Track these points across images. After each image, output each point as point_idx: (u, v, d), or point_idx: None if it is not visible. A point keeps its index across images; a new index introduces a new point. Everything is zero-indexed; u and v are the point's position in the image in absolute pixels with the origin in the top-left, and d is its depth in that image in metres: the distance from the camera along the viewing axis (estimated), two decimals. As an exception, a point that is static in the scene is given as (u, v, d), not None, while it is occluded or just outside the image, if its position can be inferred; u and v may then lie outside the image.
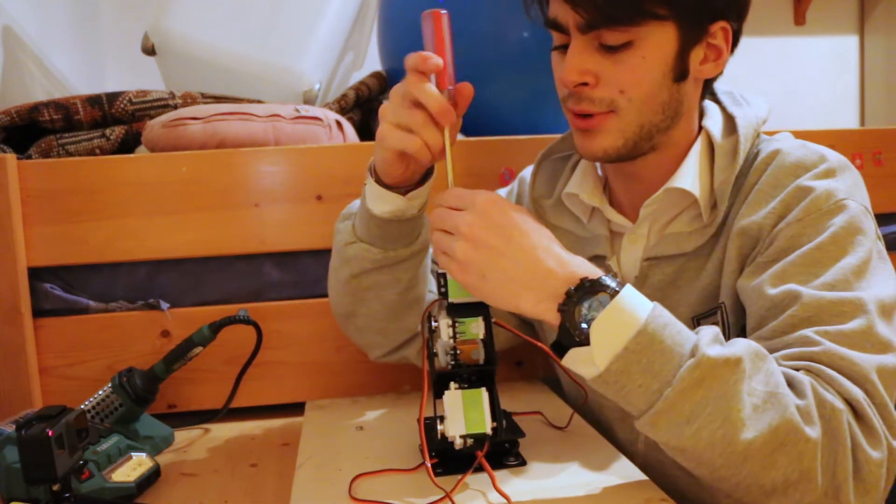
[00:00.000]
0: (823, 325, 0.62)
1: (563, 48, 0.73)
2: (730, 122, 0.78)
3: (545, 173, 0.90)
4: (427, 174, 0.76)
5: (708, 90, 0.79)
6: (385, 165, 0.72)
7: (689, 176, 0.75)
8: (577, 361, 0.60)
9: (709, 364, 0.56)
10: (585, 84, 0.71)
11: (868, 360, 0.61)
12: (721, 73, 0.77)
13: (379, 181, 0.76)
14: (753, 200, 0.72)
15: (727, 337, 0.72)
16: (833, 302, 0.63)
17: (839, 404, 0.58)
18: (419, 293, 0.84)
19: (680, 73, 0.72)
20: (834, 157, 0.72)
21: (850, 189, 0.70)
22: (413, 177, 0.75)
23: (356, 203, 0.83)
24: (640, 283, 0.78)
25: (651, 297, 0.73)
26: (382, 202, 0.76)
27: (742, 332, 0.73)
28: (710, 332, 0.60)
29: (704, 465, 0.59)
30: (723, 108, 0.80)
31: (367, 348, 0.90)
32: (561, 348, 0.61)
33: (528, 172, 0.94)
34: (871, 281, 0.65)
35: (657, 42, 0.69)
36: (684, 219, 0.77)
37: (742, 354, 0.58)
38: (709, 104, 0.81)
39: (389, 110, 0.69)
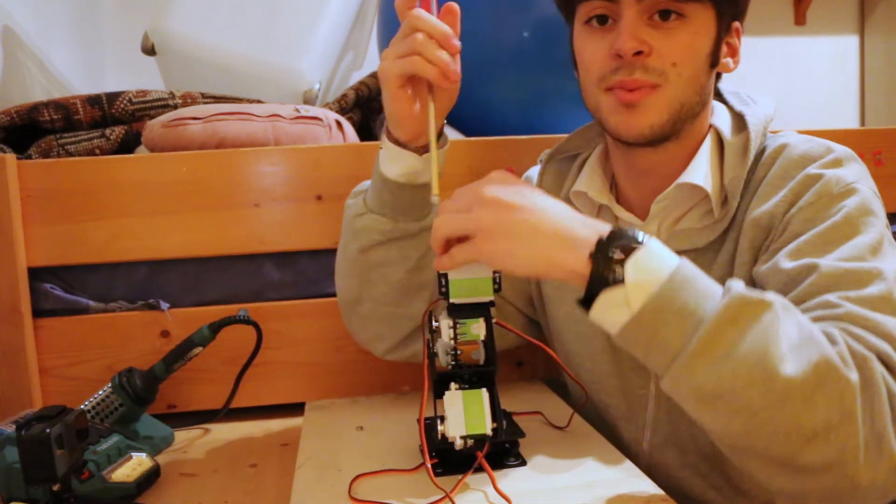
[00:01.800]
0: (843, 290, 0.62)
1: (599, 20, 0.73)
2: (738, 120, 0.79)
3: (551, 174, 0.90)
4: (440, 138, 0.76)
5: (716, 87, 0.81)
6: (393, 105, 0.71)
7: (702, 171, 0.76)
8: (608, 307, 0.58)
9: (743, 302, 0.56)
10: (641, 53, 0.71)
11: (891, 321, 0.60)
12: (734, 70, 0.80)
13: (393, 140, 0.76)
14: (763, 193, 0.73)
15: None
16: (851, 271, 0.63)
17: (870, 354, 0.57)
18: (426, 277, 0.83)
19: (715, 59, 0.75)
20: (840, 149, 0.73)
21: (858, 176, 0.71)
22: (424, 126, 0.73)
23: (367, 182, 0.83)
24: None
25: None
26: (395, 162, 0.76)
27: None
28: (739, 282, 0.59)
29: (742, 411, 0.55)
30: (730, 108, 0.81)
31: (371, 342, 0.88)
32: (588, 302, 0.59)
33: (533, 173, 0.94)
34: (886, 257, 0.66)
35: (704, 22, 0.72)
36: (695, 214, 0.77)
37: (774, 300, 0.57)
38: (716, 104, 0.82)
39: (389, 48, 0.69)
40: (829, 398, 0.54)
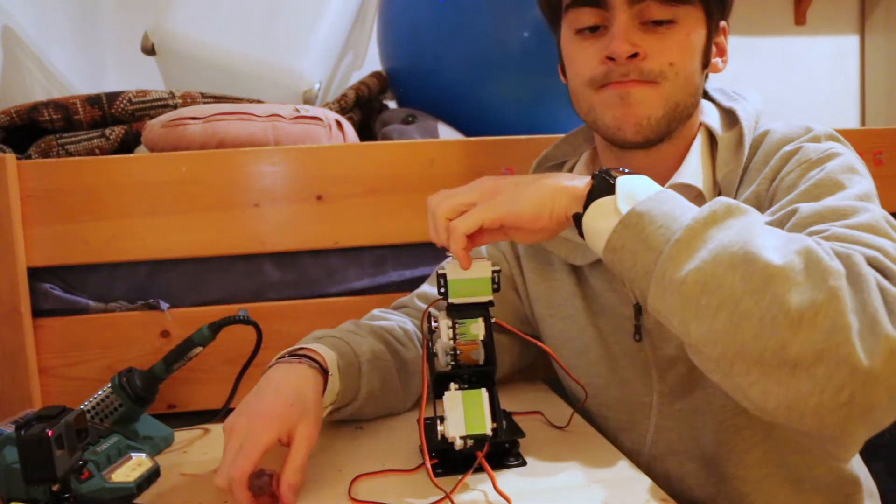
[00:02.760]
0: (827, 222, 0.61)
1: (591, 30, 0.74)
2: (729, 116, 0.80)
3: None
4: None
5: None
6: None
7: (693, 171, 0.77)
8: (598, 215, 0.61)
9: (726, 204, 0.58)
10: (636, 55, 0.72)
11: (878, 239, 0.58)
12: (723, 70, 0.80)
13: None
14: (748, 179, 0.75)
15: None
16: (833, 208, 0.63)
17: (855, 253, 0.55)
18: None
19: (706, 60, 0.76)
20: (819, 128, 0.74)
21: (837, 147, 0.72)
22: None
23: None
24: None
25: None
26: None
27: None
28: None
29: (726, 301, 0.54)
30: (717, 105, 0.82)
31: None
32: (581, 218, 0.63)
33: None
34: (873, 205, 0.65)
35: (695, 24, 0.73)
36: None
37: (756, 212, 0.59)
38: (703, 102, 0.82)
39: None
40: (813, 279, 0.52)
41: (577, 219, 0.63)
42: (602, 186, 0.62)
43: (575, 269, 0.86)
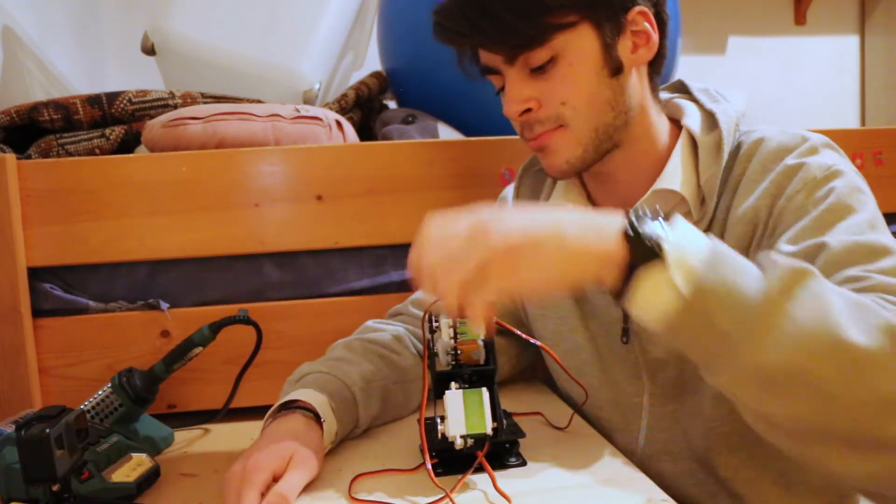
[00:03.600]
0: (861, 265, 0.60)
1: (503, 90, 0.75)
2: (709, 119, 0.78)
3: (527, 187, 0.91)
4: None
5: (657, 74, 0.79)
6: None
7: (675, 175, 0.75)
8: (648, 288, 0.52)
9: (792, 270, 0.52)
10: (529, 110, 0.73)
11: None
12: (658, 54, 0.76)
13: None
14: (744, 189, 0.72)
15: None
16: (861, 244, 0.62)
17: None
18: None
19: (614, 67, 0.73)
20: (815, 137, 0.73)
21: (837, 160, 0.71)
22: None
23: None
24: None
25: None
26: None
27: None
28: (769, 252, 0.57)
29: (813, 387, 0.51)
30: (700, 106, 0.80)
31: None
32: (622, 292, 0.54)
33: (508, 193, 0.95)
34: (884, 231, 0.65)
35: (578, 47, 0.71)
36: None
37: (812, 267, 0.54)
38: (685, 103, 0.81)
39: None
40: None
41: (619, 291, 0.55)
42: (642, 251, 0.53)
43: None
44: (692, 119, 0.78)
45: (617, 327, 0.80)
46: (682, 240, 0.53)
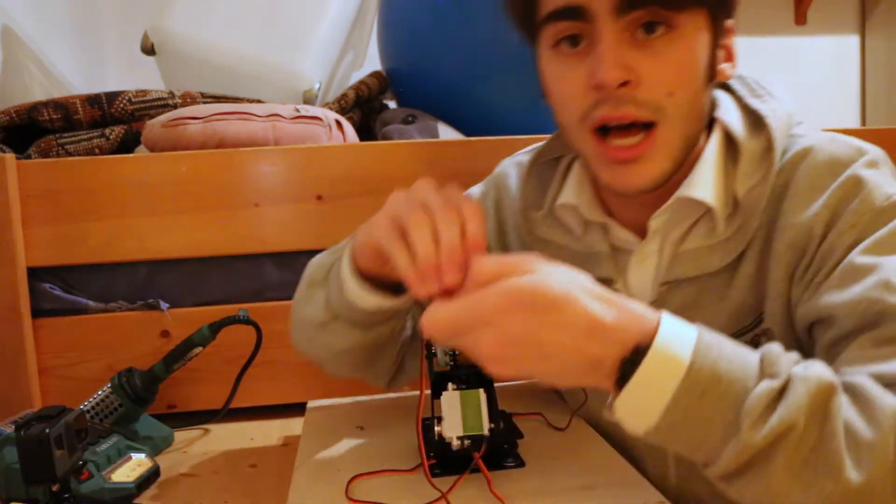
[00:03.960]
0: None
1: (570, 41, 0.61)
2: (753, 118, 0.67)
3: (534, 179, 0.79)
4: None
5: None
6: (362, 258, 0.65)
7: (704, 182, 0.65)
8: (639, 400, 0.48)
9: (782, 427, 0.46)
10: (626, 83, 0.59)
11: None
12: (732, 76, 0.68)
13: (358, 272, 0.66)
14: (790, 209, 0.62)
15: None
16: None
17: None
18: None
19: (712, 72, 0.63)
20: (872, 150, 0.63)
21: (894, 182, 0.61)
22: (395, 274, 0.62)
23: (320, 262, 0.74)
24: (658, 308, 0.67)
25: None
26: (364, 300, 0.66)
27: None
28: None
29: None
30: (738, 99, 0.69)
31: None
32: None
33: (507, 172, 0.83)
34: None
35: (695, 32, 0.60)
36: (701, 231, 0.66)
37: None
38: (718, 93, 0.70)
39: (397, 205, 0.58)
40: None
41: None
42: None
43: None
44: (730, 115, 0.67)
45: None
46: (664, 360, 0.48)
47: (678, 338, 0.49)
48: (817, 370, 0.48)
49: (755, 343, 0.64)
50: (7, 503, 0.68)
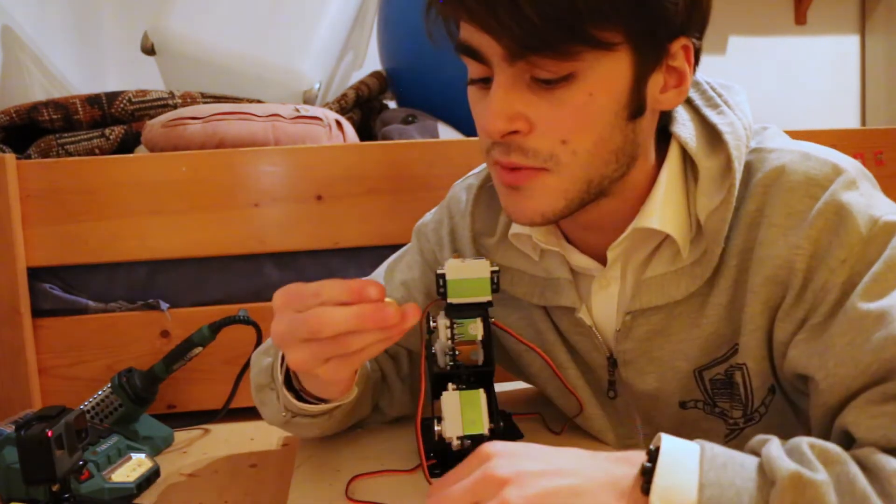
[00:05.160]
0: None
1: (483, 82, 0.58)
2: (710, 133, 0.62)
3: (483, 205, 0.75)
4: None
5: (663, 121, 0.63)
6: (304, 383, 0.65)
7: (661, 210, 0.61)
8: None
9: None
10: (516, 132, 0.56)
11: None
12: (682, 101, 0.62)
13: (299, 394, 0.66)
14: (767, 240, 0.58)
15: (748, 401, 0.64)
16: None
17: None
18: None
19: (636, 108, 0.57)
20: (848, 164, 0.58)
21: (876, 200, 0.57)
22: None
23: (260, 365, 0.72)
24: (623, 338, 0.66)
25: (637, 351, 0.66)
26: (315, 408, 0.67)
27: (767, 391, 0.63)
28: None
29: None
30: (694, 109, 0.64)
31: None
32: None
33: (459, 197, 0.78)
34: None
35: (606, 73, 0.54)
36: (664, 257, 0.63)
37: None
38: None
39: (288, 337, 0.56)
40: None
41: None
42: None
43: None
44: (686, 130, 0.62)
45: (602, 373, 0.71)
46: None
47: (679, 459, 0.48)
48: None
49: (729, 374, 0.64)
50: (7, 503, 0.68)
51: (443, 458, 0.66)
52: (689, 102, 0.65)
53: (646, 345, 0.66)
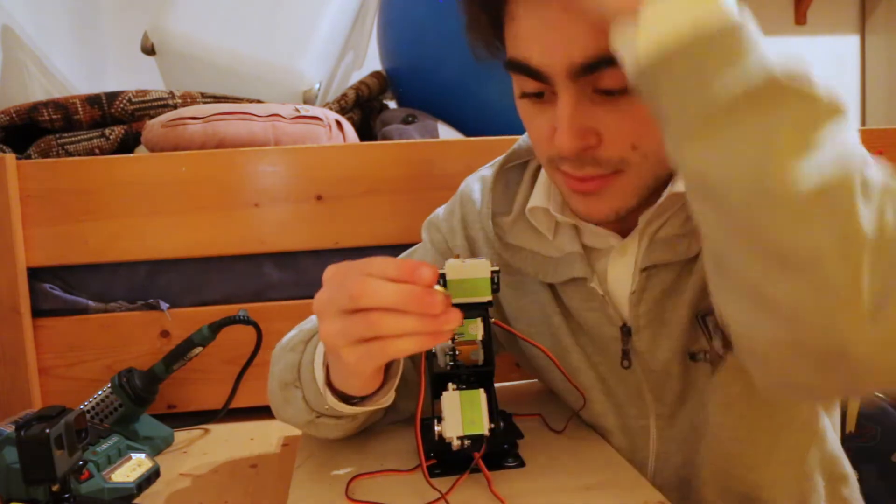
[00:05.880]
0: None
1: (537, 96, 0.61)
2: None
3: (501, 185, 0.78)
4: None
5: None
6: (359, 381, 0.63)
7: None
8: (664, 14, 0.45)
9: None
10: (588, 147, 0.59)
11: None
12: None
13: (337, 392, 0.65)
14: None
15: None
16: None
17: None
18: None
19: None
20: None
21: None
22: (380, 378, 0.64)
23: (286, 361, 0.70)
24: (639, 297, 0.69)
25: (652, 308, 0.68)
26: (349, 409, 0.66)
27: None
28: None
29: (723, 205, 0.45)
30: None
31: None
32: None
33: (471, 188, 0.81)
34: None
35: None
36: (676, 220, 0.68)
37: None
38: None
39: (333, 321, 0.54)
40: (829, 220, 0.42)
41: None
42: None
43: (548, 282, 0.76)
44: None
45: (614, 346, 0.72)
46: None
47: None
48: None
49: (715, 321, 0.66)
50: (7, 503, 0.68)
51: (443, 458, 0.66)
52: None
53: (659, 307, 0.68)
